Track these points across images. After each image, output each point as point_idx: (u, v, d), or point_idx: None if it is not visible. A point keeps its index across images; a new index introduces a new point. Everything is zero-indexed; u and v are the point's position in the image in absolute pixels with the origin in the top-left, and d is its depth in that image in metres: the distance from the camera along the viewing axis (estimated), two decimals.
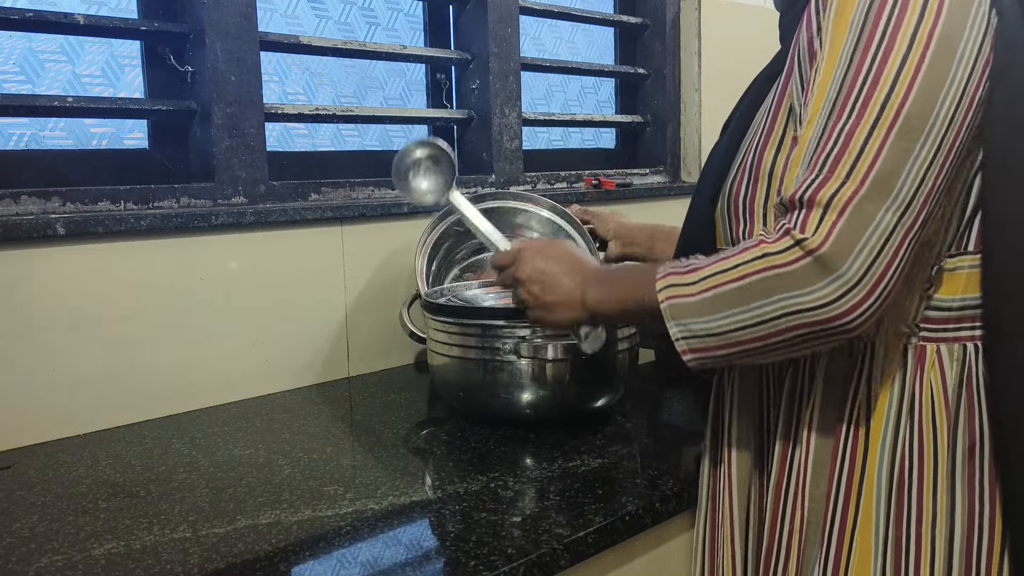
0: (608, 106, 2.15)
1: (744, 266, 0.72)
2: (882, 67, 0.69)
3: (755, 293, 0.71)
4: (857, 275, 0.68)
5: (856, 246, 0.68)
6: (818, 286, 0.68)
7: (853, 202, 0.68)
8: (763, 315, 0.71)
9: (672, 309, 0.75)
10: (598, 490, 0.91)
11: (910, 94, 0.68)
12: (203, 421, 1.20)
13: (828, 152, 0.70)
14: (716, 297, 0.73)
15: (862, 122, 0.69)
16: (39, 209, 1.16)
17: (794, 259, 0.69)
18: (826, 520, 0.80)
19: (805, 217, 0.70)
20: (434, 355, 1.17)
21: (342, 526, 0.83)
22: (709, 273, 0.74)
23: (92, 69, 1.31)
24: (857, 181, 0.68)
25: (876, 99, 0.69)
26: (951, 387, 0.76)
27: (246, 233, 1.30)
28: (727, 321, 0.73)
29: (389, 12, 1.66)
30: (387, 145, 1.69)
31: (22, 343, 1.10)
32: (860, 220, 0.68)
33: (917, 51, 0.68)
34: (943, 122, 0.69)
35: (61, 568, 0.76)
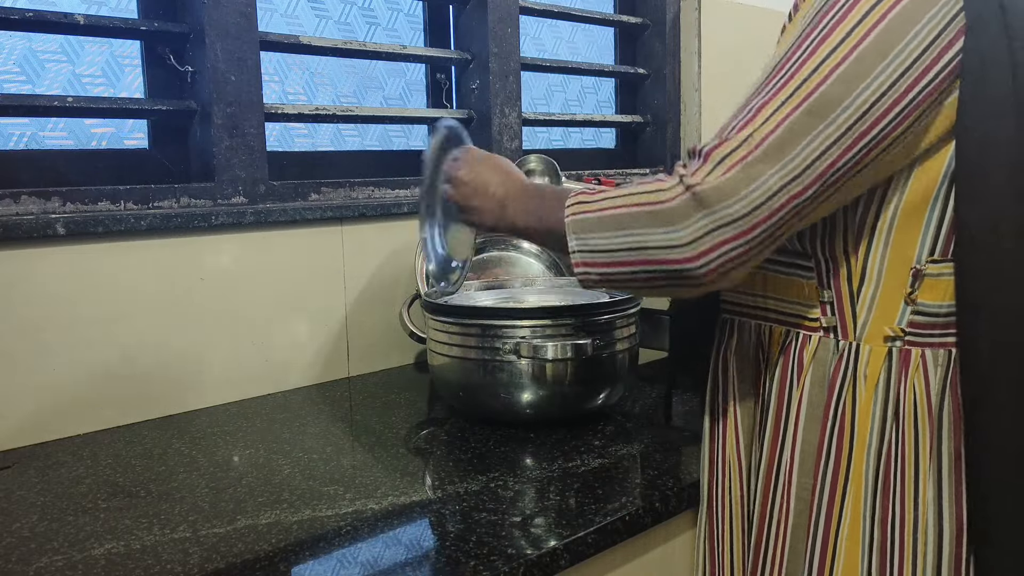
0: (608, 106, 2.15)
1: (635, 196, 0.76)
2: (811, 54, 0.72)
3: (638, 220, 0.75)
4: (727, 219, 0.71)
5: (737, 192, 0.71)
6: (691, 220, 0.72)
7: (743, 162, 0.71)
8: (642, 241, 0.75)
9: (573, 224, 0.80)
10: (598, 490, 0.91)
11: (827, 80, 0.71)
12: (203, 421, 1.20)
13: (736, 121, 0.73)
14: (604, 218, 0.77)
15: (773, 99, 0.72)
16: (39, 209, 1.16)
17: (674, 195, 0.73)
18: (811, 517, 0.80)
19: (700, 165, 0.73)
20: (434, 355, 1.17)
21: (342, 526, 0.83)
22: (608, 195, 0.79)
23: (92, 69, 1.31)
24: (751, 146, 0.71)
25: (795, 80, 0.72)
26: (935, 392, 0.76)
27: (246, 233, 1.30)
28: (607, 241, 0.77)
29: (389, 12, 1.66)
30: (387, 145, 1.69)
31: (22, 343, 1.10)
32: (746, 174, 0.71)
33: (847, 46, 0.71)
34: (857, 109, 0.70)
35: (61, 568, 0.76)
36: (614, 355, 1.13)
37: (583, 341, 1.08)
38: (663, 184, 0.74)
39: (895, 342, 0.78)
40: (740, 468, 0.89)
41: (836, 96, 0.70)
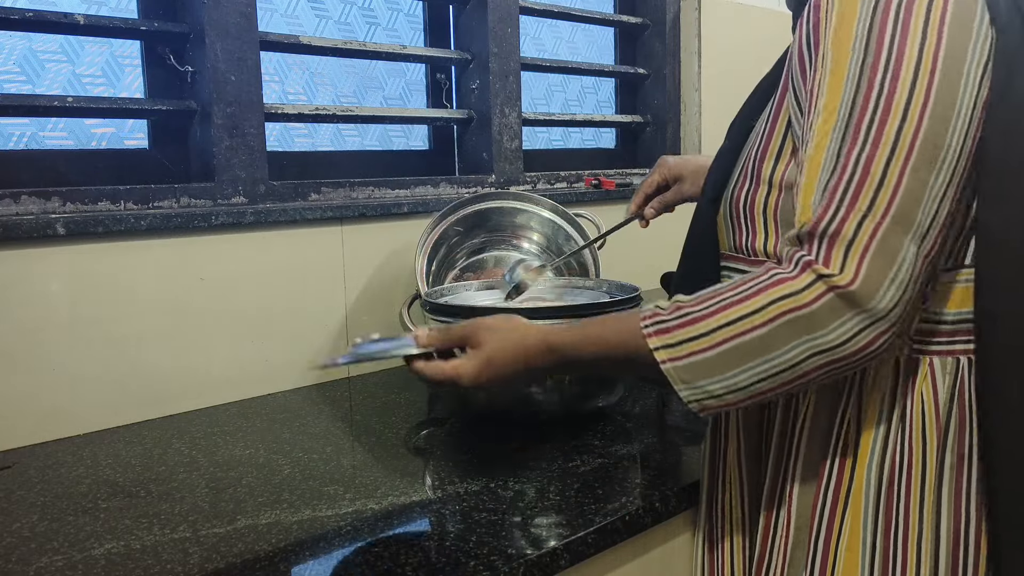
0: (608, 106, 2.15)
1: (764, 311, 0.68)
2: (892, 91, 0.68)
3: (779, 339, 0.68)
4: (886, 309, 0.67)
5: (885, 280, 0.66)
6: (842, 320, 0.67)
7: (878, 235, 0.67)
8: (788, 361, 0.68)
9: (680, 371, 0.71)
10: (598, 490, 0.91)
11: (923, 121, 0.67)
12: (203, 421, 1.20)
13: (847, 182, 0.68)
14: (736, 349, 0.69)
15: (879, 151, 0.68)
16: (39, 209, 1.16)
17: (817, 296, 0.67)
18: (812, 528, 0.80)
19: (828, 252, 0.67)
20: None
21: (342, 526, 0.83)
22: (723, 322, 0.70)
23: (92, 69, 1.31)
24: (879, 214, 0.67)
25: (891, 126, 0.68)
26: (942, 400, 0.76)
27: (246, 233, 1.30)
28: (749, 374, 0.70)
29: (389, 12, 1.66)
30: (387, 145, 1.69)
31: (22, 343, 1.10)
32: (887, 253, 0.67)
33: (924, 75, 0.68)
34: (955, 148, 0.68)
35: (61, 568, 0.76)
36: None
37: None
38: (792, 284, 0.68)
39: (902, 351, 0.77)
40: (741, 482, 0.88)
41: (935, 141, 0.67)
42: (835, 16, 0.71)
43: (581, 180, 1.89)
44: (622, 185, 1.88)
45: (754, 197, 0.81)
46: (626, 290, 1.21)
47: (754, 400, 0.72)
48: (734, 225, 0.85)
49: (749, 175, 0.82)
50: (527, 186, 1.75)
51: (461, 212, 1.44)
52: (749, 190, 0.82)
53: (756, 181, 0.81)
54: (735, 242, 0.86)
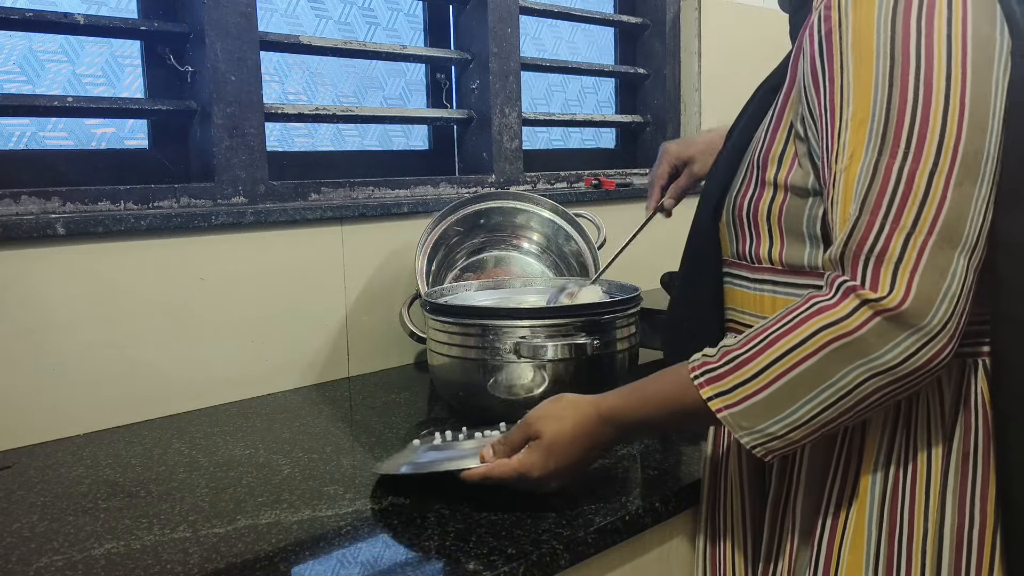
0: (608, 106, 2.15)
1: (810, 341, 0.67)
2: (928, 99, 0.66)
3: (831, 366, 0.67)
4: (940, 324, 0.65)
5: (936, 299, 0.65)
6: (895, 342, 0.65)
7: (925, 254, 0.65)
8: (844, 387, 0.67)
9: (737, 417, 0.71)
10: (598, 490, 0.91)
11: (962, 130, 0.66)
12: (203, 421, 1.20)
13: (890, 197, 0.67)
14: (788, 384, 0.68)
15: (920, 164, 0.66)
16: (39, 209, 1.16)
17: (863, 322, 0.66)
18: (815, 532, 0.80)
19: (875, 274, 0.66)
20: (434, 355, 1.17)
21: (342, 526, 0.83)
22: (770, 360, 0.69)
23: (92, 69, 1.31)
24: (925, 230, 0.65)
25: (931, 137, 0.66)
26: (948, 404, 0.75)
27: (246, 233, 1.30)
28: (807, 408, 0.68)
29: (389, 12, 1.66)
30: (387, 145, 1.69)
31: (22, 343, 1.10)
32: (936, 272, 0.65)
33: (956, 82, 0.66)
34: (993, 157, 0.68)
35: (61, 568, 0.76)
36: (614, 355, 1.13)
37: (583, 341, 1.08)
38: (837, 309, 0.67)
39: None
40: (742, 486, 0.88)
41: (976, 148, 0.67)
42: (851, 23, 0.70)
43: (581, 180, 1.89)
44: (622, 185, 1.88)
45: (758, 202, 0.81)
46: (626, 290, 1.21)
47: (819, 433, 0.70)
48: (737, 232, 0.84)
49: (753, 180, 0.81)
50: (527, 186, 1.75)
51: (461, 212, 1.44)
52: (753, 195, 0.81)
53: (760, 186, 0.80)
54: (738, 249, 0.85)
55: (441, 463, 0.87)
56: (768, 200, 0.80)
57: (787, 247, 0.80)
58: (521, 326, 1.08)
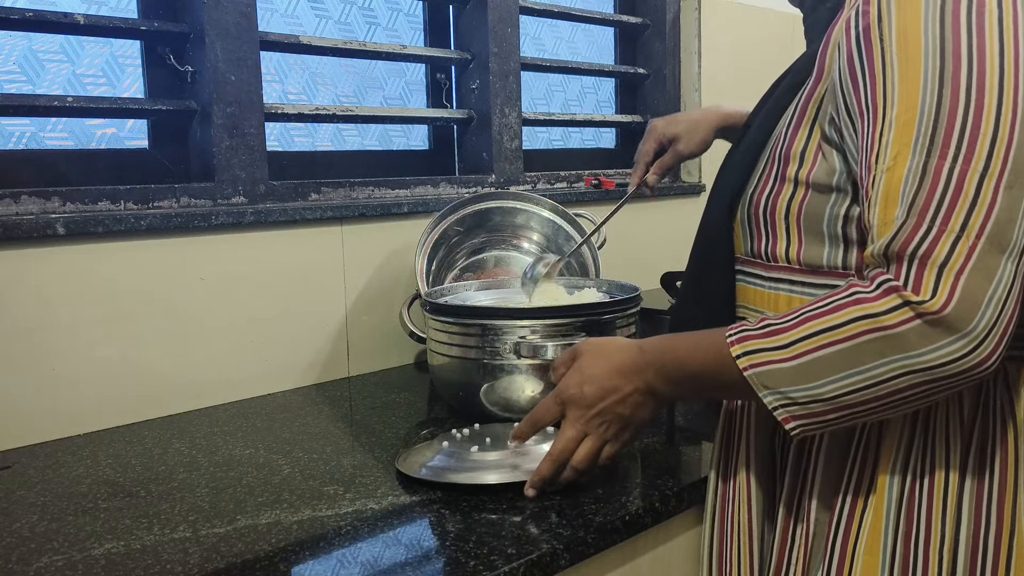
0: (608, 106, 2.15)
1: (845, 327, 0.67)
2: (980, 102, 0.65)
3: (864, 354, 0.66)
4: (986, 330, 0.64)
5: (982, 302, 0.64)
6: (939, 344, 0.64)
7: (973, 257, 0.64)
8: (877, 376, 0.67)
9: (762, 377, 0.71)
10: (598, 490, 0.91)
11: (1014, 133, 0.65)
12: (203, 421, 1.20)
13: (939, 199, 0.65)
14: (818, 361, 0.68)
15: (971, 166, 0.65)
16: (39, 209, 1.16)
17: (903, 320, 0.65)
18: (829, 535, 0.79)
19: (918, 275, 0.65)
20: (434, 355, 1.17)
21: (342, 526, 0.83)
22: (803, 335, 0.69)
23: (92, 69, 1.31)
24: (973, 234, 0.64)
25: (982, 140, 0.65)
26: (967, 408, 0.75)
27: (246, 233, 1.30)
28: (834, 386, 0.68)
29: (389, 12, 1.66)
30: (387, 145, 1.69)
31: (22, 343, 1.10)
32: (983, 275, 0.64)
33: (1009, 85, 0.65)
34: None
35: (61, 568, 0.76)
36: None
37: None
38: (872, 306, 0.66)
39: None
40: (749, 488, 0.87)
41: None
42: (895, 20, 0.68)
43: (581, 180, 1.89)
44: (622, 185, 1.88)
45: (776, 199, 0.79)
46: (626, 290, 1.21)
47: (843, 415, 0.70)
48: (752, 229, 0.83)
49: (772, 177, 0.80)
50: (527, 186, 1.75)
51: (461, 212, 1.44)
52: (771, 192, 0.80)
53: (780, 182, 0.79)
54: (752, 247, 0.84)
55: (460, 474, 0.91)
56: (787, 197, 0.79)
57: (805, 246, 0.79)
58: (521, 326, 1.08)
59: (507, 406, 1.10)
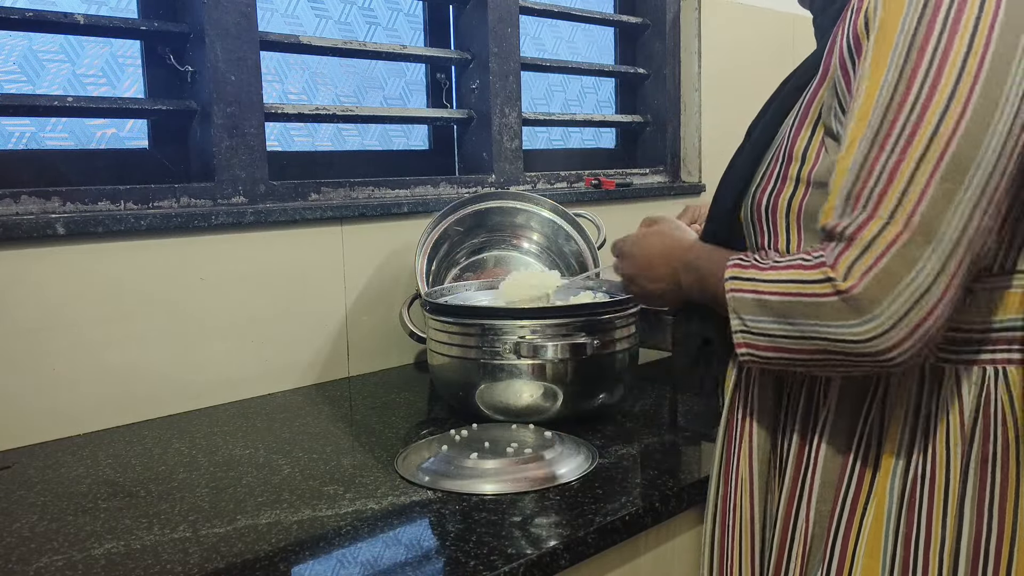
0: (608, 106, 2.15)
1: (785, 284, 0.72)
2: (929, 100, 0.66)
3: (795, 311, 0.71)
4: (893, 319, 0.66)
5: (894, 289, 0.66)
6: (849, 323, 0.67)
7: (896, 244, 0.66)
8: (803, 332, 0.71)
9: (734, 301, 0.76)
10: (598, 490, 0.91)
11: (957, 131, 0.66)
12: (203, 421, 1.20)
13: (872, 188, 0.68)
14: (763, 302, 0.73)
15: (906, 159, 0.66)
16: (39, 209, 1.16)
17: (825, 293, 0.69)
18: (828, 536, 0.79)
19: (841, 253, 0.68)
20: (434, 355, 1.17)
21: (342, 526, 0.83)
22: (761, 277, 0.74)
23: (92, 69, 1.31)
24: (900, 223, 0.66)
25: (922, 134, 0.66)
26: (968, 411, 0.75)
27: (246, 233, 1.30)
28: (774, 327, 0.73)
29: (389, 12, 1.66)
30: (387, 145, 1.69)
31: (22, 343, 1.10)
32: (902, 263, 0.66)
33: (966, 84, 0.66)
34: (989, 162, 0.66)
35: (61, 568, 0.76)
36: (614, 355, 1.13)
37: (583, 341, 1.08)
38: (806, 271, 0.70)
39: (928, 359, 0.75)
40: (751, 485, 0.87)
41: (966, 154, 0.66)
42: (879, 19, 0.70)
43: (581, 180, 1.89)
44: (622, 185, 1.88)
45: (777, 198, 0.80)
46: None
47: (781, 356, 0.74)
48: (755, 227, 0.84)
49: (774, 175, 0.81)
50: (527, 186, 1.75)
51: (461, 212, 1.45)
52: (773, 190, 0.81)
53: (782, 180, 0.80)
54: (755, 245, 0.85)
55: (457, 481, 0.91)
56: (788, 195, 0.79)
57: (804, 243, 0.79)
58: (521, 326, 1.08)
59: (507, 406, 1.10)
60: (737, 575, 0.88)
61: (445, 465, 0.94)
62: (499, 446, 0.97)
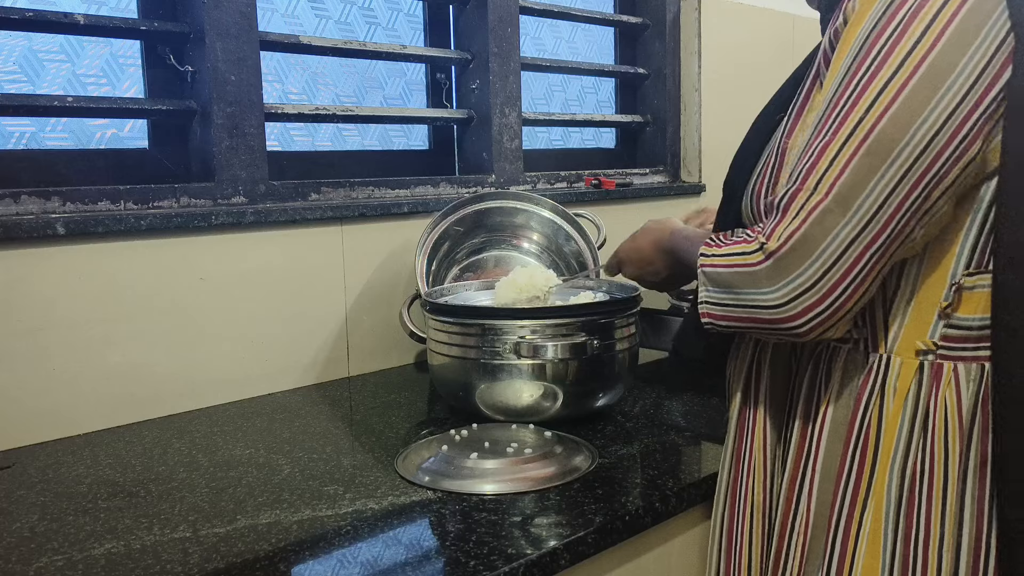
0: (608, 106, 2.15)
1: (731, 257, 0.79)
2: (864, 89, 0.72)
3: (736, 281, 0.78)
4: (809, 281, 0.72)
5: (812, 253, 0.72)
6: (774, 287, 0.74)
7: (815, 212, 0.72)
8: (741, 300, 0.78)
9: (702, 275, 0.83)
10: (598, 490, 0.91)
11: (885, 115, 0.70)
12: (203, 421, 1.20)
13: (805, 164, 0.74)
14: (716, 275, 0.80)
15: (835, 138, 0.72)
16: (39, 209, 1.16)
17: (758, 261, 0.75)
18: (829, 529, 0.79)
19: (776, 224, 0.74)
20: (434, 355, 1.17)
21: (342, 526, 0.83)
22: (716, 253, 0.81)
23: (92, 69, 1.31)
24: (822, 192, 0.72)
25: (852, 117, 0.72)
26: (966, 407, 0.75)
27: (246, 233, 1.30)
28: (723, 296, 0.80)
29: (389, 12, 1.66)
30: (387, 145, 1.69)
31: (22, 343, 1.10)
32: (819, 229, 0.72)
33: (901, 77, 0.70)
34: (916, 146, 0.70)
35: (61, 568, 0.76)
36: (614, 355, 1.13)
37: (583, 341, 1.08)
38: (747, 245, 0.77)
39: (927, 356, 0.76)
40: (765, 473, 0.88)
41: (892, 136, 0.70)
42: (853, 16, 0.75)
43: (581, 180, 1.89)
44: (622, 185, 1.88)
45: (775, 189, 0.82)
46: (626, 290, 1.21)
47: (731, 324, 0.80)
48: (756, 219, 0.86)
49: (770, 168, 0.83)
50: (527, 186, 1.75)
51: (461, 212, 1.44)
52: (768, 187, 0.83)
53: (775, 177, 0.82)
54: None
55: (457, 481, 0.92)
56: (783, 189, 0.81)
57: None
58: (521, 326, 1.08)
59: (507, 406, 1.10)
60: (746, 559, 0.89)
61: (445, 465, 0.94)
62: (499, 446, 0.97)
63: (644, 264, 1.06)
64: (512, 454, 0.95)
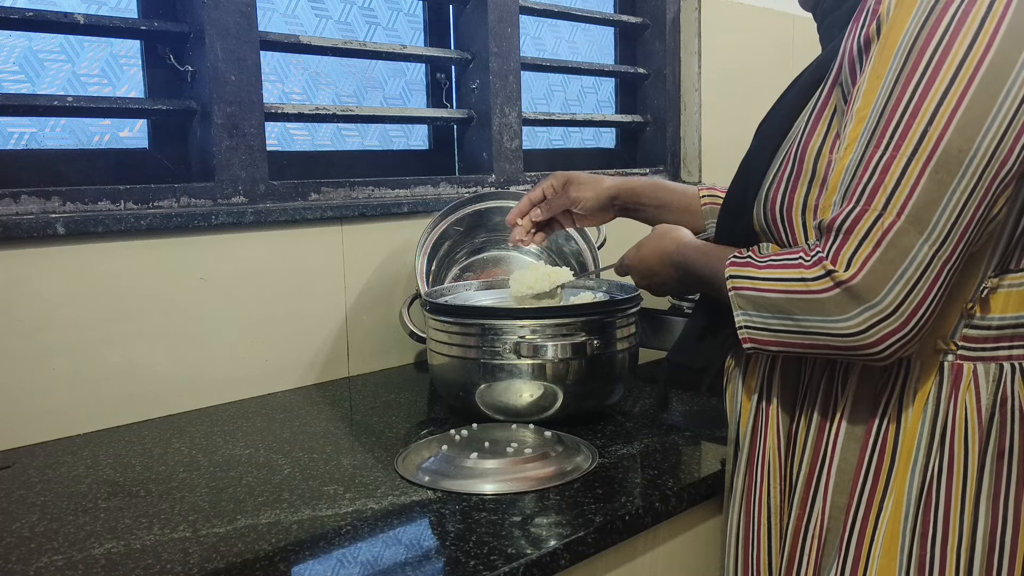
0: (608, 106, 2.15)
1: (787, 283, 0.75)
2: (923, 99, 0.68)
3: (795, 307, 0.74)
4: (891, 306, 0.69)
5: (891, 278, 0.69)
6: (849, 315, 0.70)
7: (890, 234, 0.69)
8: (802, 327, 0.74)
9: (737, 298, 0.79)
10: (598, 490, 0.91)
11: (950, 126, 0.67)
12: (203, 421, 1.20)
13: (866, 182, 0.70)
14: (767, 299, 0.76)
15: (899, 153, 0.69)
16: (39, 209, 1.16)
17: (824, 288, 0.71)
18: (844, 530, 0.79)
19: (839, 247, 0.71)
20: (434, 355, 1.17)
21: (342, 526, 0.83)
22: (760, 276, 0.77)
23: (93, 69, 1.31)
24: (894, 213, 0.69)
25: (915, 130, 0.68)
26: (985, 407, 0.75)
27: (246, 233, 1.30)
28: (775, 322, 0.76)
29: (389, 12, 1.66)
30: (387, 145, 1.69)
31: (22, 343, 1.10)
32: (896, 252, 0.69)
33: (961, 84, 0.67)
34: (983, 156, 0.67)
35: (61, 568, 0.76)
36: (614, 355, 1.13)
37: (583, 341, 1.08)
38: (807, 271, 0.73)
39: (947, 356, 0.76)
40: (780, 476, 0.87)
41: (960, 147, 0.67)
42: (890, 20, 0.71)
43: None
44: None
45: (792, 196, 0.80)
46: (626, 290, 1.21)
47: (783, 348, 0.77)
48: (770, 227, 0.84)
49: (787, 175, 0.81)
50: (527, 186, 1.75)
51: (461, 212, 1.44)
52: (787, 189, 0.81)
53: (795, 179, 0.80)
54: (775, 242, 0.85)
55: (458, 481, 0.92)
56: (803, 194, 0.79)
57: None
58: (521, 326, 1.08)
59: (507, 406, 1.10)
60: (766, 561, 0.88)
61: (445, 465, 0.94)
62: (499, 446, 0.97)
63: (650, 275, 1.02)
64: (512, 454, 0.95)
